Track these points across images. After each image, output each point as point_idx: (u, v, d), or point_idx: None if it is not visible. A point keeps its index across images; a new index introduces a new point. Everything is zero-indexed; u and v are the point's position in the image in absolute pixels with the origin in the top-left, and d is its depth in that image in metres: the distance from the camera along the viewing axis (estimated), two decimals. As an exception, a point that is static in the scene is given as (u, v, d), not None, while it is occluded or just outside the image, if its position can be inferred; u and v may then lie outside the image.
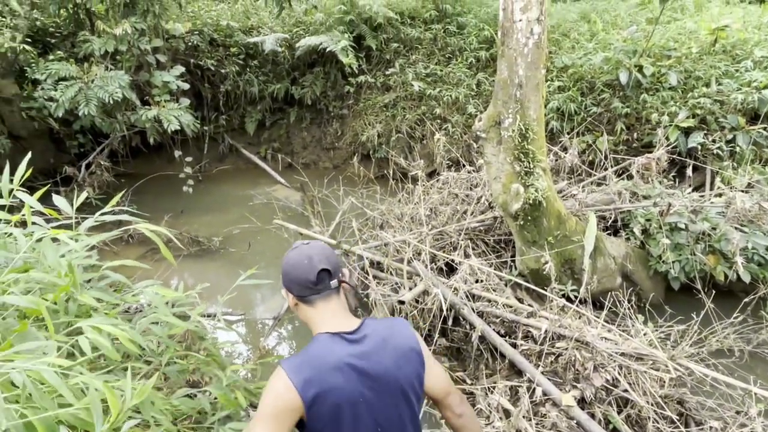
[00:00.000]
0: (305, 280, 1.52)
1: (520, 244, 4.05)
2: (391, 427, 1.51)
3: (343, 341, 1.49)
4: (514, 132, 3.66)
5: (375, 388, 1.46)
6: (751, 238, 4.14)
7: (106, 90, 5.11)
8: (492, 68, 7.33)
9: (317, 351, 1.48)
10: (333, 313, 1.54)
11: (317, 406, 1.39)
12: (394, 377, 1.49)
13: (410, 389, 1.53)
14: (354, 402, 1.43)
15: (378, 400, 1.47)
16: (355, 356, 1.46)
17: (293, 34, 7.90)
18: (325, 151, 8.56)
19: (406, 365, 1.53)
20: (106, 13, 5.74)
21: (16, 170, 1.78)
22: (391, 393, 1.49)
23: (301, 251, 1.57)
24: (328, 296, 1.54)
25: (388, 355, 1.51)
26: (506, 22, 3.49)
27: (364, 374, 1.45)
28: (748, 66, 5.46)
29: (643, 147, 5.77)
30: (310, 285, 1.52)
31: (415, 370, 1.55)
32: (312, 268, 1.51)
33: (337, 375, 1.42)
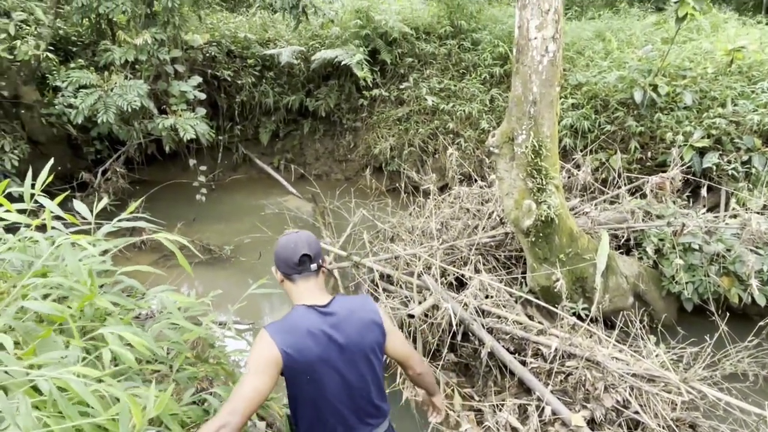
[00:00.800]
0: (290, 261, 1.85)
1: (531, 261, 4.04)
2: (355, 384, 1.82)
3: (316, 312, 1.81)
4: (527, 148, 3.66)
5: (341, 352, 1.78)
6: (766, 260, 4.09)
7: (125, 98, 5.20)
8: (506, 84, 7.36)
9: (295, 318, 1.80)
10: (310, 291, 1.87)
11: (293, 362, 1.70)
12: (358, 343, 1.82)
13: (372, 354, 1.86)
14: (324, 361, 1.75)
15: (344, 362, 1.78)
16: (325, 325, 1.79)
17: (309, 47, 8.00)
18: (338, 162, 8.61)
19: (369, 334, 1.86)
20: (128, 24, 5.87)
21: (34, 175, 1.82)
22: (354, 356, 1.81)
23: (289, 237, 1.91)
24: (308, 277, 1.88)
25: (353, 325, 1.84)
26: (521, 39, 3.52)
27: (332, 340, 1.77)
28: (764, 87, 5.43)
29: (657, 166, 5.74)
30: (293, 265, 1.85)
31: (376, 339, 1.87)
32: (296, 252, 1.85)
33: (310, 338, 1.74)
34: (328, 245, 5.46)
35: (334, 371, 1.77)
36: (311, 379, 1.75)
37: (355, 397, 1.84)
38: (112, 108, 5.17)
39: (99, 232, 1.63)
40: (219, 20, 8.36)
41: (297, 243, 1.87)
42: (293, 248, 1.86)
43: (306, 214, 7.04)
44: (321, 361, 1.75)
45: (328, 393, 1.78)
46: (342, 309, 1.86)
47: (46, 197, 1.57)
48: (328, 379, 1.77)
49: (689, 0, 5.21)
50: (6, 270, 1.61)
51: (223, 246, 5.99)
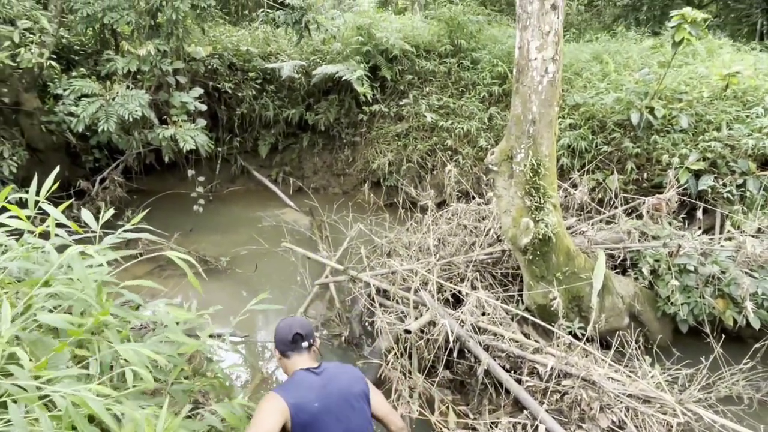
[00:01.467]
0: (285, 339, 2.25)
1: (528, 279, 4.05)
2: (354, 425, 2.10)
3: (312, 373, 2.18)
4: (525, 167, 3.70)
5: (338, 401, 2.10)
6: (761, 283, 4.11)
7: (126, 108, 5.22)
8: (504, 103, 7.44)
9: (295, 380, 2.16)
10: (303, 361, 2.24)
11: (299, 413, 1.99)
12: (350, 392, 2.16)
13: (363, 401, 2.19)
14: (324, 410, 2.04)
15: (341, 408, 2.09)
16: (321, 381, 2.15)
17: (310, 62, 8.09)
18: (336, 177, 8.64)
19: (357, 385, 2.22)
20: (131, 34, 5.92)
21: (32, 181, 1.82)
22: (349, 402, 2.13)
23: (285, 321, 2.34)
24: (301, 352, 2.26)
25: (344, 379, 2.21)
26: (522, 60, 3.57)
27: (329, 392, 2.11)
28: (759, 112, 5.51)
29: (653, 187, 5.79)
30: (288, 343, 2.24)
31: (363, 390, 2.23)
32: (290, 331, 2.24)
33: (311, 392, 2.08)
34: (325, 259, 5.46)
35: (335, 418, 2.06)
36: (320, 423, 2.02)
37: None
38: (113, 117, 5.19)
39: (104, 241, 1.63)
40: (221, 33, 8.45)
41: (291, 325, 2.29)
42: (288, 329, 2.26)
43: (303, 227, 7.04)
44: (322, 411, 2.04)
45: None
46: (332, 368, 2.26)
47: (50, 205, 1.57)
48: (332, 426, 2.05)
49: (686, 25, 5.31)
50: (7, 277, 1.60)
51: (219, 257, 5.98)
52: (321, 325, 4.95)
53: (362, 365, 4.10)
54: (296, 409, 1.99)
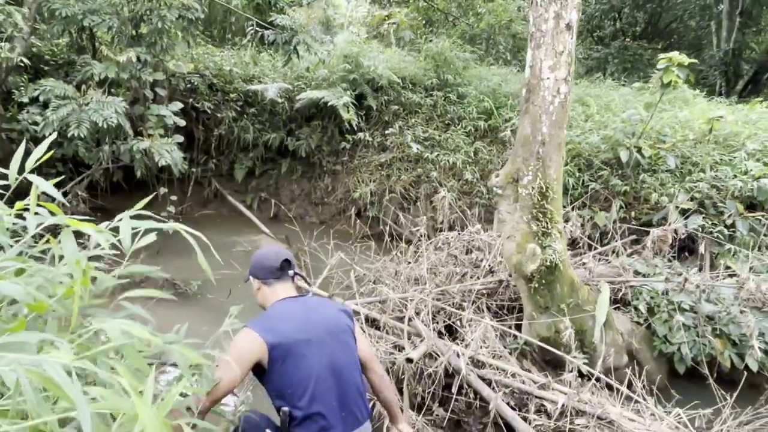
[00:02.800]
0: (271, 267, 2.06)
1: (531, 310, 3.82)
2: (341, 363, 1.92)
3: (293, 302, 2.02)
4: (533, 190, 3.53)
5: (321, 333, 1.92)
6: (760, 323, 4.01)
7: (101, 114, 4.85)
8: (489, 138, 7.42)
9: (273, 311, 1.98)
10: (287, 290, 2.08)
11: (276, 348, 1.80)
12: (336, 324, 2.00)
13: (349, 333, 2.03)
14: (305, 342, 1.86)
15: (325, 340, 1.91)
16: (304, 310, 1.99)
17: (294, 87, 7.92)
18: (313, 205, 8.35)
19: (342, 318, 2.06)
20: (112, 41, 5.61)
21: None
22: (334, 334, 1.96)
23: (269, 247, 2.21)
24: (285, 281, 2.09)
25: (328, 310, 2.07)
26: (533, 79, 3.47)
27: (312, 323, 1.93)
28: (742, 156, 5.62)
29: (641, 226, 5.75)
30: (275, 270, 2.06)
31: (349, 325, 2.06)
32: (278, 258, 2.08)
33: (291, 323, 1.90)
34: (304, 284, 5.10)
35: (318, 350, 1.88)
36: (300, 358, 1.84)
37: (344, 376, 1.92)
38: (85, 123, 4.80)
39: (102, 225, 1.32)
40: (204, 52, 8.22)
41: (278, 252, 2.17)
42: (275, 256, 2.12)
43: (280, 254, 6.66)
44: (303, 343, 1.86)
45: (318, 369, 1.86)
46: (315, 299, 2.21)
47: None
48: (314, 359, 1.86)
49: (673, 68, 5.43)
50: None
51: (189, 281, 5.52)
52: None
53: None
54: (274, 345, 1.81)
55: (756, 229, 5.15)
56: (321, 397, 1.83)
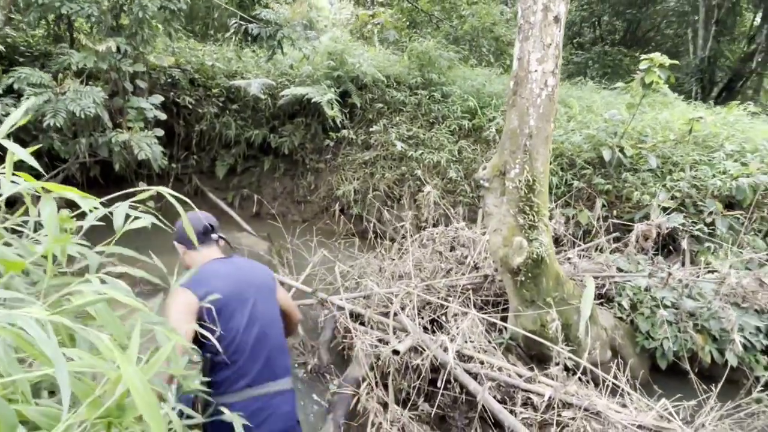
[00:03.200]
0: (195, 232, 2.02)
1: (517, 304, 3.80)
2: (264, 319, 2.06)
3: (219, 262, 2.14)
4: (520, 182, 3.52)
5: (247, 288, 2.07)
6: (741, 317, 4.07)
7: (79, 104, 4.70)
8: (473, 137, 7.43)
9: (202, 270, 2.01)
10: (212, 253, 2.18)
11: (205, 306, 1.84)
12: (261, 281, 2.18)
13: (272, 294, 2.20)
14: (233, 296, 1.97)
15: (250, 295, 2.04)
16: (231, 268, 2.12)
17: (278, 84, 7.82)
18: (296, 204, 8.25)
19: (266, 276, 2.24)
20: (90, 31, 5.46)
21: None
22: (259, 290, 2.12)
23: (193, 214, 2.18)
24: (210, 245, 2.19)
25: (253, 270, 2.22)
26: (521, 71, 3.46)
27: (238, 279, 2.07)
28: (721, 156, 5.72)
29: (623, 224, 5.81)
30: (199, 235, 2.13)
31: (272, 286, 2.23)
32: (200, 223, 2.16)
33: (219, 280, 1.99)
34: (287, 279, 5.03)
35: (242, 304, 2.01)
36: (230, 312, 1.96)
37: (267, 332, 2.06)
38: (62, 112, 4.64)
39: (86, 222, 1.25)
40: (186, 47, 8.07)
41: (200, 218, 2.20)
42: (198, 221, 2.16)
43: (262, 251, 6.56)
44: (231, 297, 1.96)
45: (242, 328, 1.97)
46: (241, 260, 2.29)
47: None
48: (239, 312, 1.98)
49: (655, 69, 5.51)
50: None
51: (167, 278, 5.38)
52: (283, 354, 4.47)
53: (333, 396, 3.67)
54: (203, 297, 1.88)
55: (734, 227, 5.24)
56: (243, 350, 1.95)
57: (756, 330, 4.09)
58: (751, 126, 6.55)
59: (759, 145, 5.81)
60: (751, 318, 4.05)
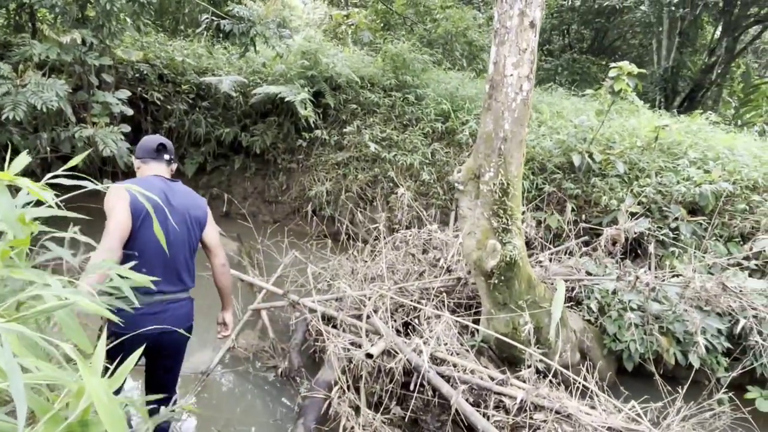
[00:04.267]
0: (149, 148, 2.45)
1: (490, 307, 3.82)
2: (176, 240, 2.30)
3: (161, 180, 2.38)
4: (494, 186, 3.54)
5: (171, 211, 2.23)
6: (705, 320, 4.19)
7: (41, 96, 4.50)
8: (446, 140, 7.47)
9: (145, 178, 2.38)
10: (160, 171, 2.45)
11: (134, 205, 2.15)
12: (186, 212, 2.37)
13: (195, 223, 2.41)
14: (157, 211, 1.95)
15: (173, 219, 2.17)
16: (165, 189, 2.33)
17: (250, 82, 7.70)
18: (267, 204, 8.13)
19: (196, 211, 2.44)
20: (54, 21, 5.24)
21: None
22: (182, 219, 2.33)
23: (151, 136, 2.53)
24: (160, 162, 2.47)
25: (187, 199, 2.43)
26: (497, 75, 3.48)
27: (167, 201, 2.26)
28: (685, 164, 5.88)
29: (591, 228, 5.92)
30: (151, 151, 2.45)
31: (199, 217, 2.45)
32: (155, 142, 2.47)
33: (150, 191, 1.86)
34: (258, 280, 4.94)
35: (162, 224, 2.09)
36: (144, 224, 2.17)
37: (174, 251, 2.29)
38: (22, 105, 4.43)
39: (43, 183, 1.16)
40: (155, 41, 7.86)
41: (157, 138, 2.51)
42: (154, 140, 2.48)
43: (231, 251, 6.42)
44: (158, 210, 2.06)
45: (154, 239, 2.12)
46: (181, 187, 2.46)
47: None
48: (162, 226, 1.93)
49: (623, 77, 5.63)
50: None
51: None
52: (252, 356, 4.38)
53: (304, 400, 3.61)
54: (133, 200, 2.15)
55: (698, 233, 5.40)
56: (150, 258, 2.20)
57: (718, 332, 4.22)
58: (713, 134, 6.76)
59: (720, 153, 6.01)
60: (714, 321, 4.17)
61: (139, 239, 2.19)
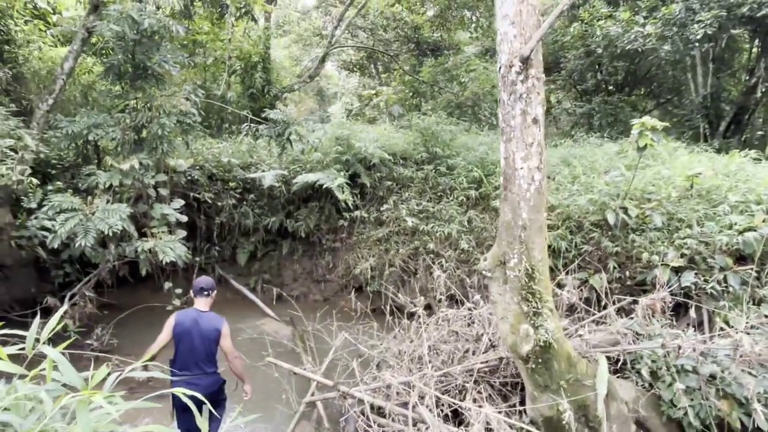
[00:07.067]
0: (196, 288, 3.93)
1: (532, 389, 3.87)
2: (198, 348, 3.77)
3: (196, 311, 3.86)
4: (520, 272, 3.68)
5: (197, 331, 3.76)
6: (763, 382, 4.03)
7: (107, 222, 5.10)
8: (481, 206, 7.64)
9: (185, 311, 3.89)
10: (199, 304, 3.92)
11: (176, 328, 3.78)
12: (206, 332, 3.80)
13: (211, 339, 3.81)
14: (188, 331, 3.75)
15: (196, 336, 3.76)
16: (196, 317, 3.82)
17: (290, 171, 8.25)
18: (316, 283, 8.48)
19: (212, 331, 3.81)
20: (115, 149, 5.96)
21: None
22: (201, 335, 3.77)
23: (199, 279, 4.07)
24: (201, 297, 3.93)
25: (208, 324, 3.82)
26: (508, 169, 3.69)
27: (195, 324, 3.78)
28: (725, 210, 5.76)
29: (636, 285, 5.85)
30: (196, 291, 3.91)
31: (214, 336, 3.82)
32: (198, 285, 3.95)
33: (187, 320, 3.78)
34: (311, 373, 5.16)
35: (190, 338, 3.75)
36: (181, 339, 3.76)
37: (196, 353, 3.76)
38: (92, 232, 5.04)
39: (106, 386, 1.46)
40: (203, 145, 8.62)
41: (201, 282, 3.99)
42: (198, 283, 3.96)
43: (285, 338, 6.73)
44: (187, 331, 3.76)
45: (185, 345, 3.76)
46: (207, 315, 3.87)
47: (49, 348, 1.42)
48: (188, 341, 3.75)
49: (647, 132, 5.69)
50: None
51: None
52: (310, 449, 4.56)
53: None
54: (176, 325, 3.79)
55: (748, 282, 5.22)
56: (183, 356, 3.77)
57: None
58: (754, 173, 6.58)
59: (763, 195, 5.83)
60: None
61: (179, 346, 3.77)
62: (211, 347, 3.79)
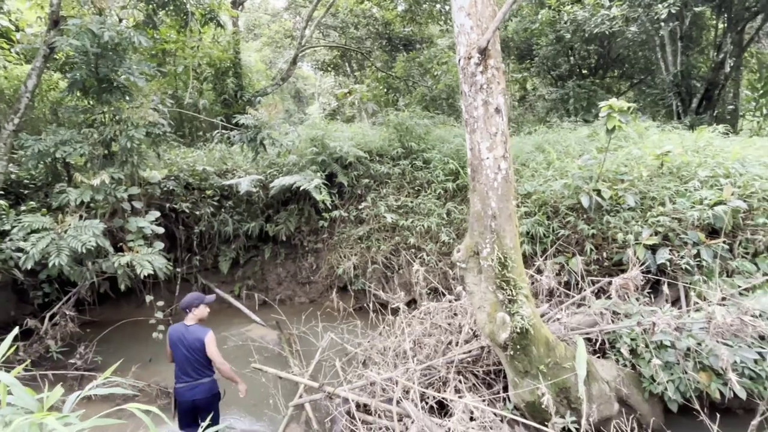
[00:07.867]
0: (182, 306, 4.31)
1: (513, 376, 3.91)
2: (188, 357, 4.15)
3: (183, 326, 4.26)
4: (493, 261, 3.72)
5: (185, 341, 4.16)
6: (738, 352, 4.12)
7: (80, 239, 5.04)
8: (460, 197, 7.68)
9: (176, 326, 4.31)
10: (187, 319, 4.27)
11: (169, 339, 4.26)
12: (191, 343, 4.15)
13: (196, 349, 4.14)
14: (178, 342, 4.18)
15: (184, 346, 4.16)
16: (183, 330, 4.22)
17: (267, 175, 8.22)
18: (301, 285, 8.47)
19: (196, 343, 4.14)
20: (85, 165, 5.88)
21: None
22: (188, 347, 4.15)
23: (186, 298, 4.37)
24: (187, 314, 4.28)
25: (193, 336, 4.17)
26: (474, 160, 3.73)
27: (183, 336, 4.19)
28: (696, 185, 5.86)
29: (614, 265, 5.93)
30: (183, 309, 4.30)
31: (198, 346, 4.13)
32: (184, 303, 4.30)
33: (177, 333, 4.22)
34: (298, 376, 5.16)
35: (180, 348, 4.15)
36: (174, 351, 4.20)
37: (188, 362, 4.15)
38: (65, 250, 4.98)
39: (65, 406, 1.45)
40: (177, 155, 8.55)
41: (184, 301, 4.30)
42: (183, 303, 4.30)
43: (271, 342, 6.71)
44: (177, 342, 4.17)
45: (178, 356, 4.17)
46: (193, 328, 4.21)
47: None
48: (179, 351, 4.16)
49: (615, 114, 5.76)
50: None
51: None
52: (299, 451, 4.56)
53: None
54: (169, 339, 4.24)
55: (722, 256, 5.32)
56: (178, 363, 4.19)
57: (754, 361, 4.13)
58: (722, 148, 6.71)
59: (731, 168, 5.95)
60: (747, 351, 4.10)
61: (174, 357, 4.22)
62: (198, 357, 4.16)
